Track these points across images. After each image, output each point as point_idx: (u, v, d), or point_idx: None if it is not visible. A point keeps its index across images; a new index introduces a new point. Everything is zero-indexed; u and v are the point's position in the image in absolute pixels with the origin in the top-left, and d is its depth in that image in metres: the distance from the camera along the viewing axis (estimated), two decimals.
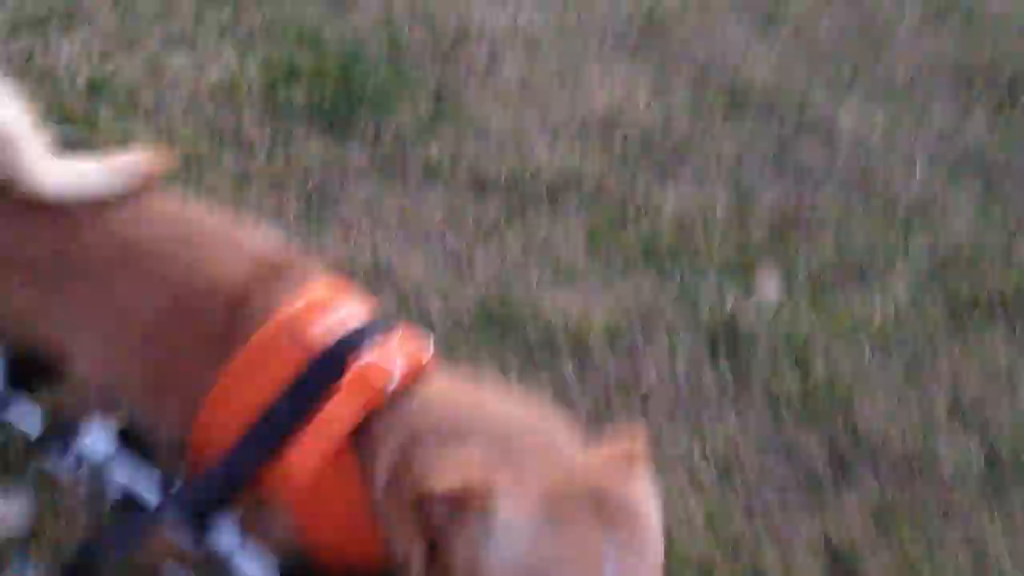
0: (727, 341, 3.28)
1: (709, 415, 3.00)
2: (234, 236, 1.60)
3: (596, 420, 2.97)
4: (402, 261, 3.74)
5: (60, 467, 1.57)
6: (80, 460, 1.52)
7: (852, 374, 3.17)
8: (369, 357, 1.46)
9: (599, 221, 4.06)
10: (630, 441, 1.41)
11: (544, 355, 3.23)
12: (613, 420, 2.98)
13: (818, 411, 3.03)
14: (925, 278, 3.64)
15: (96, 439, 1.53)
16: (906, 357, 3.26)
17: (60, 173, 1.55)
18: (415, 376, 1.49)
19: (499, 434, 1.39)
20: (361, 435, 1.43)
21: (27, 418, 1.62)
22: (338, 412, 1.41)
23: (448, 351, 1.97)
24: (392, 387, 1.44)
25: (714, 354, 3.24)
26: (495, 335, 3.34)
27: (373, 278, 3.22)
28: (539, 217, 4.15)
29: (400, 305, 3.16)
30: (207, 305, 1.51)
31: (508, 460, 1.33)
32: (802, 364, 3.18)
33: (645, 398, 3.06)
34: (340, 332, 1.49)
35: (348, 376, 1.43)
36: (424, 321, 3.10)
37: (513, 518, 1.27)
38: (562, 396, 3.05)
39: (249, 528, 1.49)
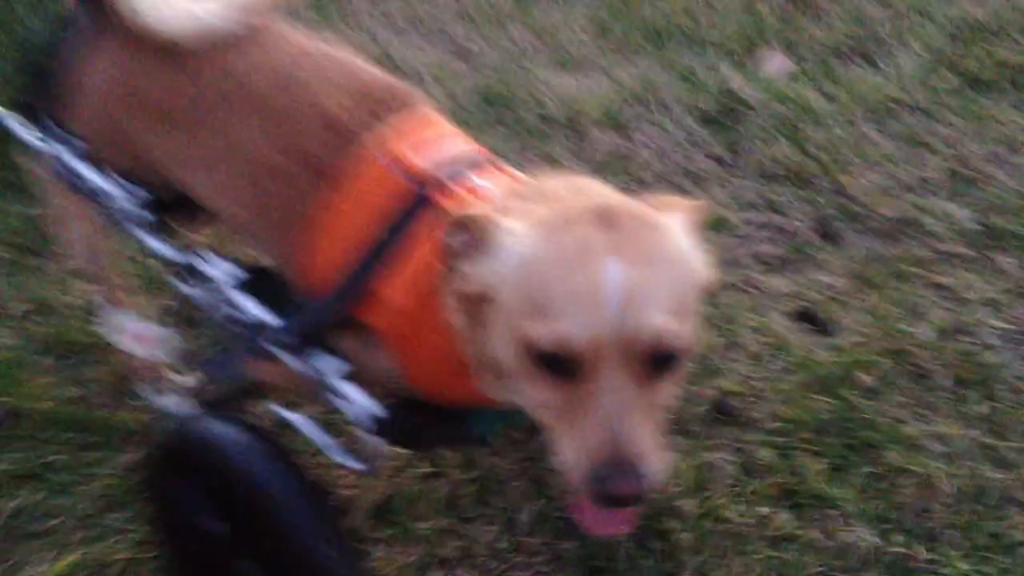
0: (725, 118, 3.27)
1: (700, 187, 3.02)
2: (344, 71, 1.61)
3: None
4: (411, 53, 3.77)
5: (192, 293, 1.68)
6: (207, 285, 1.62)
7: (849, 146, 3.14)
8: (463, 184, 1.47)
9: (606, 8, 4.02)
10: (679, 199, 1.39)
11: (541, 135, 3.26)
12: None
13: (809, 180, 3.02)
14: (935, 56, 3.56)
15: (219, 267, 1.62)
16: (907, 130, 3.22)
17: (174, 12, 1.62)
18: (499, 202, 1.45)
19: (545, 194, 1.40)
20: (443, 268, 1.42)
21: (168, 250, 1.71)
22: (430, 244, 1.42)
23: None
24: (479, 213, 1.39)
25: (710, 131, 3.23)
26: (495, 118, 3.38)
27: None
28: (549, 7, 4.13)
29: None
30: (317, 141, 1.54)
31: (527, 205, 1.36)
32: (798, 137, 3.16)
33: (633, 173, 3.09)
34: (438, 164, 1.50)
35: (443, 204, 1.45)
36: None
37: (514, 226, 1.30)
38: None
39: (354, 359, 1.52)
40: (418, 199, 1.45)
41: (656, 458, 1.22)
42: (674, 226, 1.33)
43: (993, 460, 2.26)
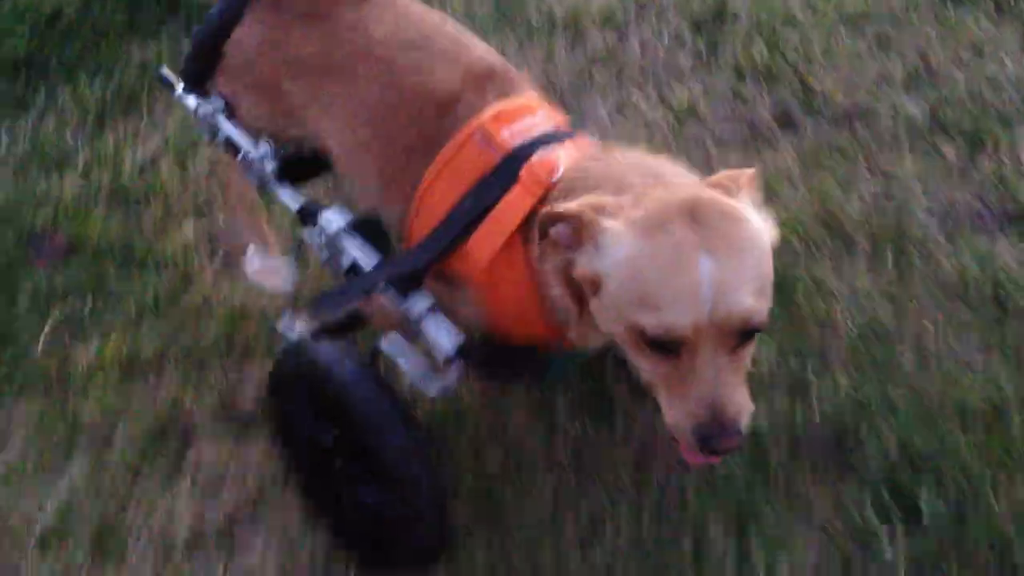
0: (712, 23, 3.59)
1: (678, 80, 3.36)
2: (455, 46, 1.85)
3: (578, 89, 3.40)
4: None
5: (311, 238, 1.95)
6: (323, 233, 1.87)
7: (821, 50, 3.43)
8: (541, 157, 1.68)
9: None
10: (739, 173, 1.57)
11: (541, 35, 3.63)
12: (592, 88, 3.39)
13: (777, 77, 3.34)
14: None
15: (334, 218, 1.86)
16: (879, 34, 3.48)
17: None
18: (576, 171, 1.67)
19: (618, 179, 1.60)
20: (529, 224, 1.64)
21: (292, 201, 2.01)
22: (510, 208, 1.65)
23: None
24: (556, 179, 1.65)
25: (697, 33, 3.56)
26: (505, 20, 3.75)
27: None
28: None
29: None
30: (424, 108, 1.77)
31: (621, 192, 1.55)
32: (774, 41, 3.46)
33: (622, 69, 3.44)
34: (523, 138, 1.72)
35: (522, 174, 1.66)
36: None
37: (617, 227, 1.48)
38: (550, 66, 3.49)
39: (443, 302, 1.78)
40: (506, 171, 1.68)
41: (748, 413, 1.48)
42: (748, 211, 1.52)
43: (894, 307, 2.62)
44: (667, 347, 1.46)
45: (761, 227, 1.51)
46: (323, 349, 1.79)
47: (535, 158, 1.67)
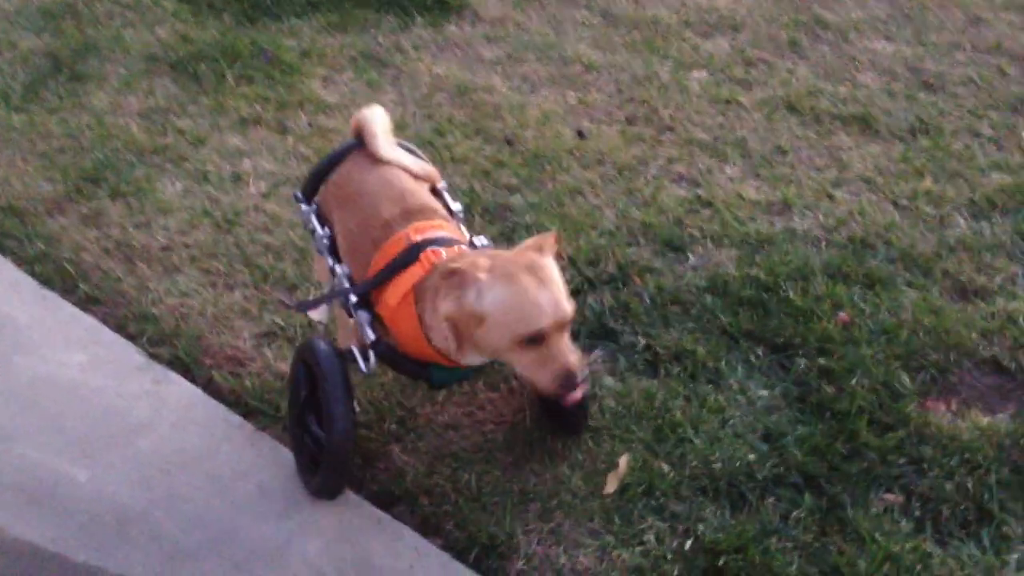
0: None
1: None
2: (401, 194, 2.98)
3: None
4: None
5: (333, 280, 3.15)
6: (335, 276, 3.10)
7: None
8: (433, 249, 2.76)
9: None
10: (544, 237, 2.67)
11: None
12: None
13: None
14: None
15: (340, 270, 3.06)
16: None
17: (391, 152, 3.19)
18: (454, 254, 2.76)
19: (476, 255, 2.66)
20: (419, 287, 2.71)
21: (330, 259, 3.17)
22: (410, 275, 2.73)
23: None
24: (440, 265, 2.67)
25: None
26: None
27: None
28: None
29: None
30: (375, 226, 2.92)
31: (485, 258, 2.57)
32: None
33: None
34: (424, 239, 2.81)
35: (421, 256, 2.75)
36: None
37: (490, 281, 2.51)
38: None
39: (376, 327, 2.89)
40: (410, 252, 2.77)
41: (584, 369, 2.57)
42: (550, 262, 2.61)
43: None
44: (535, 341, 2.47)
45: (556, 268, 2.60)
46: (317, 342, 2.89)
47: (429, 249, 2.74)
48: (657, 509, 2.95)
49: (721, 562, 2.77)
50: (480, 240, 2.99)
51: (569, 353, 2.51)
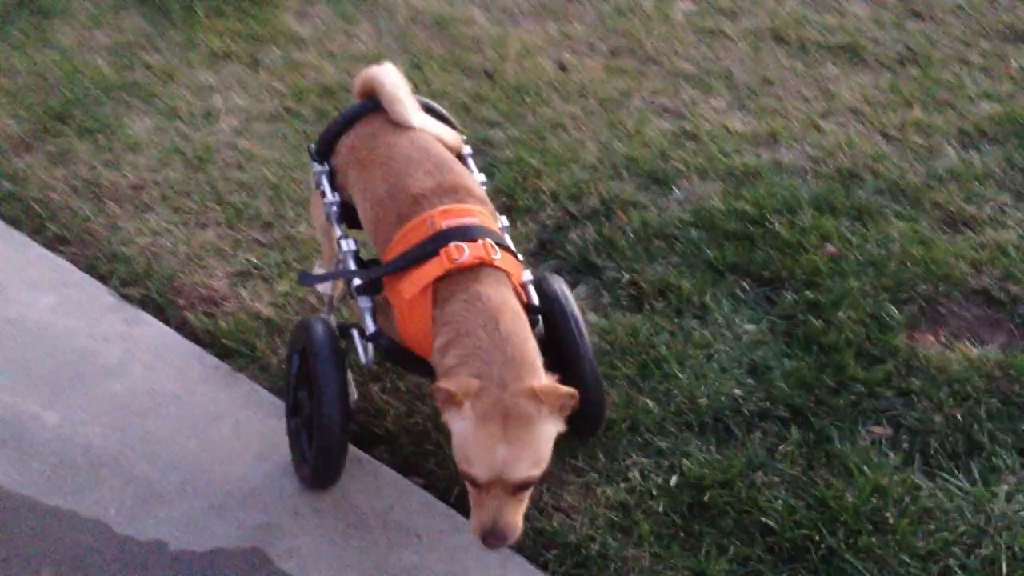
0: None
1: None
2: (437, 167, 2.75)
3: None
4: None
5: (338, 252, 2.88)
6: (341, 250, 2.84)
7: None
8: (455, 246, 2.51)
9: None
10: (556, 391, 2.35)
11: None
12: None
13: None
14: None
15: (346, 244, 2.85)
16: None
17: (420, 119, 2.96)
18: (480, 263, 2.53)
19: (485, 360, 2.39)
20: (437, 283, 2.52)
21: (337, 230, 2.93)
22: (428, 270, 2.52)
23: None
24: (461, 262, 2.49)
25: None
26: None
27: None
28: None
29: None
30: (404, 198, 2.68)
31: (482, 377, 2.36)
32: None
33: None
34: (450, 227, 2.58)
35: (442, 252, 2.51)
36: None
37: (466, 413, 2.32)
38: None
39: (381, 313, 2.73)
40: (433, 242, 2.55)
41: (515, 531, 2.32)
42: (543, 419, 2.33)
43: None
44: (475, 484, 2.32)
45: (548, 430, 2.34)
46: (312, 320, 2.76)
47: (452, 245, 2.51)
48: (642, 445, 2.89)
49: (707, 497, 2.72)
50: (504, 221, 2.85)
51: (501, 514, 2.30)
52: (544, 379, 2.41)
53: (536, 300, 2.74)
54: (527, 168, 4.07)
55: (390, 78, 2.95)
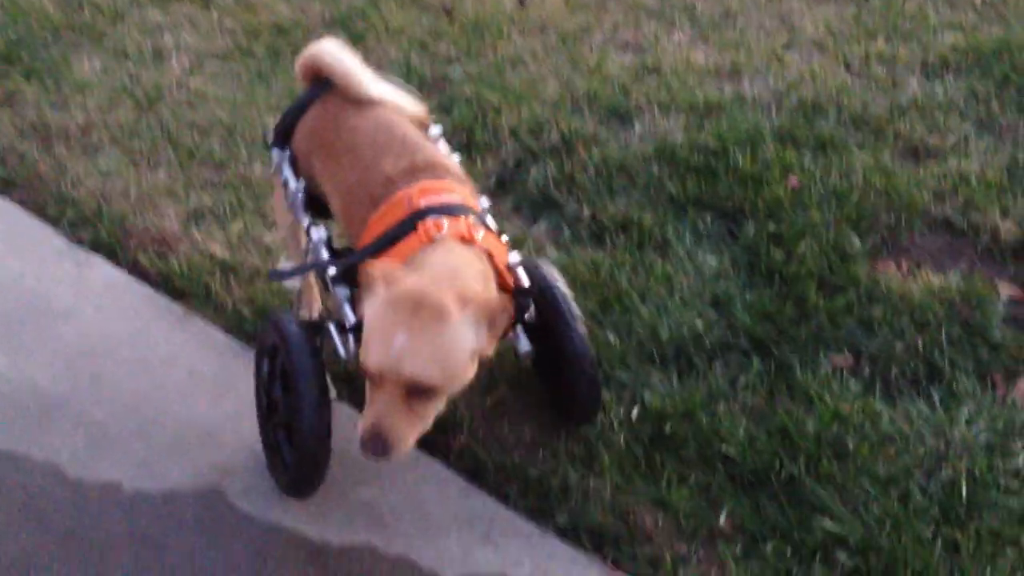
0: None
1: None
2: (404, 147, 2.55)
3: None
4: None
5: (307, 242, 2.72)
6: (311, 240, 2.65)
7: None
8: (435, 219, 2.34)
9: None
10: (490, 302, 2.19)
11: None
12: None
13: None
14: None
15: (316, 233, 2.64)
16: None
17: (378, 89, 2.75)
18: (457, 238, 2.35)
19: (428, 264, 2.26)
20: (412, 258, 2.31)
21: (304, 219, 2.73)
22: (406, 247, 2.33)
23: None
24: (438, 238, 2.32)
25: None
26: None
27: None
28: None
29: None
30: (375, 182, 2.50)
31: (405, 276, 2.19)
32: None
33: None
34: (430, 203, 2.40)
35: (419, 226, 2.34)
36: None
37: (378, 295, 2.16)
38: None
39: (358, 297, 2.41)
40: (411, 220, 2.37)
41: (401, 445, 2.13)
42: (459, 322, 2.14)
43: None
44: (370, 377, 2.13)
45: (464, 336, 2.14)
46: (281, 316, 2.50)
47: (430, 219, 2.35)
48: (602, 379, 2.87)
49: (668, 428, 2.71)
50: (484, 202, 2.62)
51: (387, 416, 2.10)
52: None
53: (526, 282, 2.53)
54: (486, 104, 3.99)
55: (334, 53, 2.74)
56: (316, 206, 2.76)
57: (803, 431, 2.68)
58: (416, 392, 2.10)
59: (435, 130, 2.82)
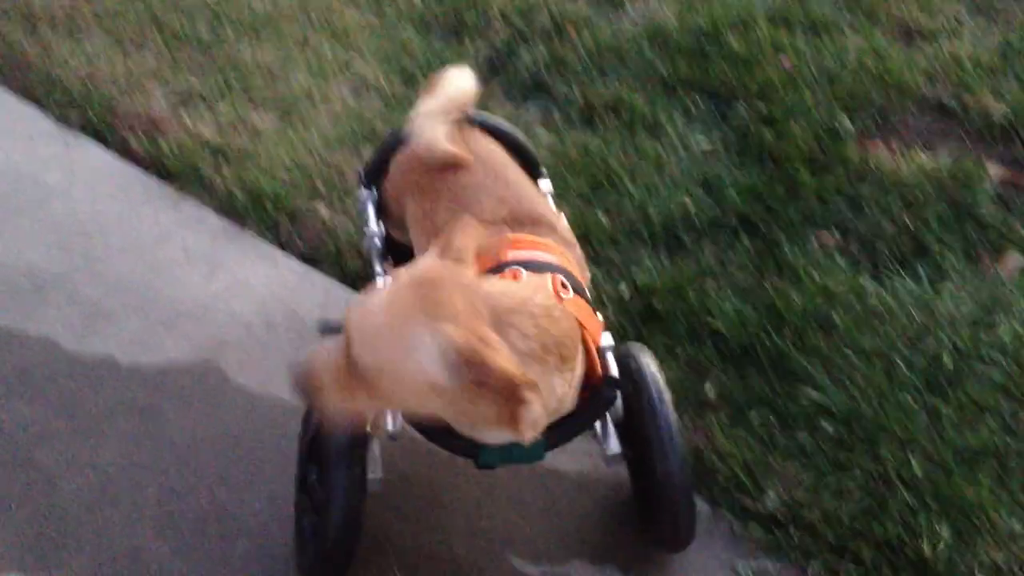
0: None
1: None
2: (508, 192, 2.30)
3: None
4: None
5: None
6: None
7: None
8: (512, 271, 2.03)
9: None
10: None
11: None
12: None
13: None
14: None
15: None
16: None
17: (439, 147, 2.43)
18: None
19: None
20: None
21: (377, 267, 2.52)
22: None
23: None
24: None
25: None
26: None
27: None
28: None
29: None
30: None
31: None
32: None
33: None
34: (516, 259, 2.09)
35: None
36: None
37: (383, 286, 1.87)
38: None
39: None
40: (494, 268, 2.07)
41: (320, 396, 1.83)
42: (434, 337, 1.73)
43: None
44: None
45: (427, 353, 1.72)
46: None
47: (509, 269, 2.04)
48: (592, 257, 2.88)
49: (658, 305, 2.74)
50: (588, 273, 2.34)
51: (322, 359, 1.84)
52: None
53: (615, 372, 2.11)
54: None
55: (436, 140, 2.44)
56: (399, 254, 2.55)
57: (790, 306, 2.72)
58: (355, 367, 1.82)
59: (545, 184, 2.63)
